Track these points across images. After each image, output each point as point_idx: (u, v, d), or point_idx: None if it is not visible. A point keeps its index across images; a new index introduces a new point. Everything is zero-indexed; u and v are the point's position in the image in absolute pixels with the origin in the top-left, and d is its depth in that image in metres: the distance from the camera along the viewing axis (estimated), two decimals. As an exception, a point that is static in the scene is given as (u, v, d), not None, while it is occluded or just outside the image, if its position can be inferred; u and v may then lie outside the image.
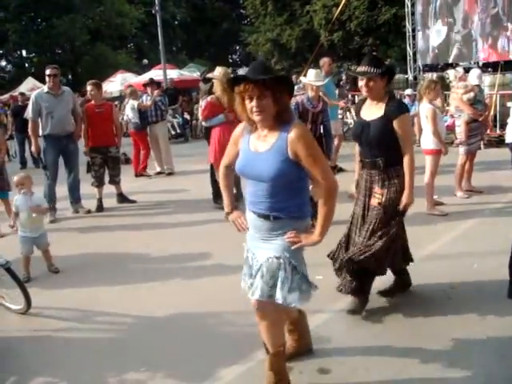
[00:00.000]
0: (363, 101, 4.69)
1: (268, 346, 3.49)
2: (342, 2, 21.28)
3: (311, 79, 7.11)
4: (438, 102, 8.80)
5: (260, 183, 3.21)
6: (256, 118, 3.13)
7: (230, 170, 3.57)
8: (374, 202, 4.45)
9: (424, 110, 7.42)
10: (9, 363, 4.28)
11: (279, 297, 3.21)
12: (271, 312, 3.35)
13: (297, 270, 3.26)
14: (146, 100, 12.17)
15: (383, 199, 4.40)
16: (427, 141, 7.44)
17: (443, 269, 5.38)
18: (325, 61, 10.25)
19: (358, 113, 4.68)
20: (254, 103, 3.08)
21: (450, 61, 19.35)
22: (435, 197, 7.65)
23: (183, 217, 8.01)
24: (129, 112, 12.12)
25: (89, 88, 9.06)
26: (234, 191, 5.21)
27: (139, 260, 6.46)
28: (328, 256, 4.74)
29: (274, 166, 3.11)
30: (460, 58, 18.99)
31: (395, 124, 4.33)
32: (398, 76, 21.31)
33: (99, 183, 9.12)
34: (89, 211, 8.94)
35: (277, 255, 3.23)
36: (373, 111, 4.48)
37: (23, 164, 15.06)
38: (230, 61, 56.93)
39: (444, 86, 8.22)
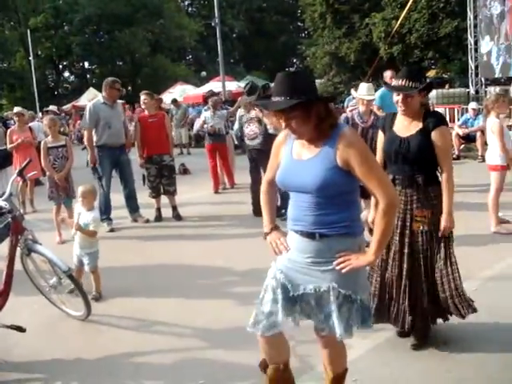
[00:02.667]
0: (393, 115, 4.28)
1: (328, 369, 3.28)
2: (402, 15, 21.06)
3: (362, 93, 6.93)
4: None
5: (303, 195, 2.89)
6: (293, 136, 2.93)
7: (271, 185, 3.26)
8: (416, 226, 4.02)
9: (490, 124, 7.20)
10: (68, 369, 4.32)
11: (337, 332, 2.92)
12: (334, 343, 3.09)
13: (351, 298, 2.93)
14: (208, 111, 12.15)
15: (427, 222, 4.01)
16: (493, 156, 7.22)
17: (509, 290, 5.17)
18: (387, 74, 10.07)
19: (389, 128, 4.24)
20: (284, 126, 2.86)
21: (497, 75, 19.31)
22: (501, 214, 7.40)
23: (242, 230, 7.98)
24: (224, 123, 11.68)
25: (142, 97, 9.15)
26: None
27: (196, 272, 6.45)
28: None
29: (320, 174, 2.79)
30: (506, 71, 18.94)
31: (433, 135, 3.96)
32: (460, 90, 20.92)
33: (156, 194, 9.19)
34: (147, 220, 9.04)
35: (325, 288, 2.92)
36: (409, 126, 4.10)
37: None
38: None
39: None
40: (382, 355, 4.12)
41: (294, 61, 60.23)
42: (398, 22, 21.31)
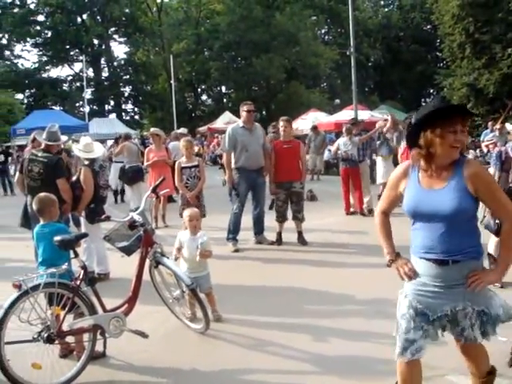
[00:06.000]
0: None
1: (473, 371, 3.45)
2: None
3: None
4: None
5: (435, 224, 3.10)
6: (453, 152, 3.06)
7: (387, 216, 3.50)
8: None
9: None
10: (182, 378, 4.54)
11: (476, 339, 3.14)
12: (472, 347, 3.29)
13: (485, 313, 3.13)
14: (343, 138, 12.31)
15: None
16: None
17: None
18: None
19: None
20: (459, 136, 3.03)
21: None
22: None
23: (365, 259, 7.82)
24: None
25: (281, 124, 9.37)
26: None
27: (315, 298, 6.44)
28: None
29: (455, 202, 3.02)
30: None
31: None
32: None
33: (282, 218, 9.30)
34: (272, 243, 9.21)
35: (460, 307, 3.11)
36: None
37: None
38: (423, 104, 55.78)
39: None
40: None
41: (431, 91, 58.94)
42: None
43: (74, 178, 7.21)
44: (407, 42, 55.98)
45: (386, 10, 60.46)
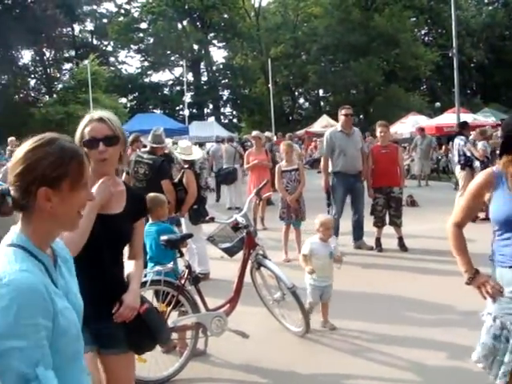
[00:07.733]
0: None
1: None
2: None
3: None
4: None
5: None
6: None
7: (461, 229, 3.27)
8: None
9: None
10: (280, 379, 4.59)
11: None
12: None
13: None
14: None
15: None
16: None
17: None
18: None
19: None
20: None
21: None
22: None
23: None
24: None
25: (379, 129, 9.26)
26: None
27: (415, 305, 6.31)
28: None
29: None
30: None
31: None
32: None
33: (381, 224, 9.17)
34: (371, 248, 9.11)
35: None
36: None
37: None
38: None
39: None
40: None
41: (540, 93, 56.32)
42: None
43: (176, 181, 7.40)
44: (513, 41, 53.69)
45: (490, 8, 58.20)
